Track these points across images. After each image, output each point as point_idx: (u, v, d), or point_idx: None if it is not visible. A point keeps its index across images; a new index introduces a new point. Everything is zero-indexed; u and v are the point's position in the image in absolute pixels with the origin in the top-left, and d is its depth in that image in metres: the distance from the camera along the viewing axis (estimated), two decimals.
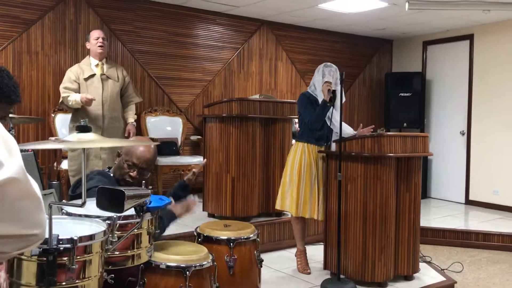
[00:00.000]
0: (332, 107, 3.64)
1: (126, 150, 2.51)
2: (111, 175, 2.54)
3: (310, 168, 3.79)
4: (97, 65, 4.42)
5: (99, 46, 4.40)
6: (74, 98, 4.26)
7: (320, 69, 3.84)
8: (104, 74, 4.42)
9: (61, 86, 4.36)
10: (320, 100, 3.74)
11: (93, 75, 4.38)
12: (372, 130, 3.77)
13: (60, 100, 4.38)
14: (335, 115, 3.68)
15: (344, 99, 3.83)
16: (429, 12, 5.92)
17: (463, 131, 6.94)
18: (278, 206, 3.92)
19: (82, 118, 4.19)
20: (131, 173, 2.48)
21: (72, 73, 4.37)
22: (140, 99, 4.80)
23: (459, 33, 6.94)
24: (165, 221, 2.47)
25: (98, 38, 4.40)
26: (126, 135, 4.55)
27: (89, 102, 4.22)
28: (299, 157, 3.81)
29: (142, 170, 2.50)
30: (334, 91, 3.64)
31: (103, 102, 4.36)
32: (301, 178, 3.79)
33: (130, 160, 2.48)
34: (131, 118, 4.61)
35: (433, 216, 6.00)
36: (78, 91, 4.33)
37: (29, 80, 5.04)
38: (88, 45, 4.49)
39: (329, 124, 3.72)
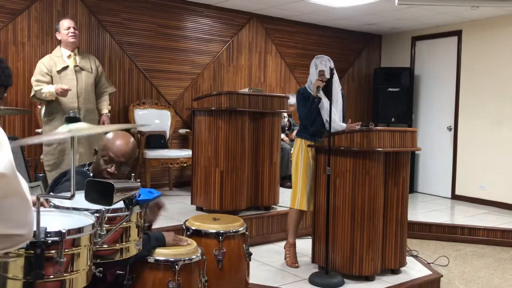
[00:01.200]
0: (329, 102, 3.63)
1: (102, 145, 2.33)
2: (90, 174, 2.37)
3: (307, 162, 3.84)
4: (69, 56, 4.22)
5: (71, 36, 4.19)
6: (48, 90, 4.06)
7: (313, 62, 3.87)
8: (77, 66, 4.22)
9: (33, 79, 4.16)
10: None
11: (66, 67, 4.18)
12: (358, 126, 3.82)
13: (32, 94, 4.16)
14: (332, 111, 3.67)
15: (340, 87, 3.86)
16: (418, 7, 5.94)
17: (450, 126, 7.00)
18: (304, 207, 3.88)
19: (56, 112, 4.15)
20: (108, 169, 2.30)
21: (44, 66, 4.15)
22: (114, 89, 4.62)
23: (448, 29, 6.98)
24: (152, 242, 2.30)
25: (69, 28, 4.19)
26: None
27: (64, 93, 4.03)
28: (297, 152, 3.90)
29: (121, 165, 2.30)
30: (328, 80, 3.63)
31: (78, 95, 4.18)
32: (298, 172, 3.86)
33: (106, 155, 2.29)
34: (105, 109, 4.44)
35: (420, 211, 6.05)
36: (50, 84, 4.14)
37: (15, 71, 4.97)
38: (58, 36, 4.26)
39: (329, 120, 3.73)
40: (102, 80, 4.44)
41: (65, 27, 4.21)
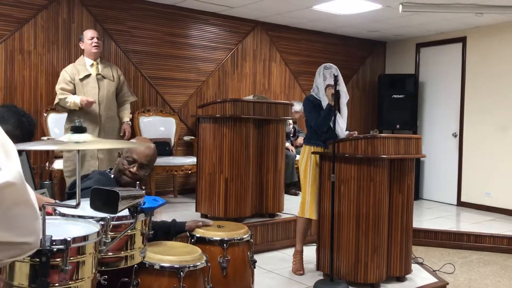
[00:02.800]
0: (337, 111, 3.63)
1: (127, 148, 2.53)
2: (112, 176, 2.54)
3: (315, 170, 3.83)
4: (92, 65, 4.41)
5: (94, 46, 4.39)
6: (73, 100, 4.25)
7: (321, 72, 3.86)
8: (99, 74, 4.42)
9: (57, 87, 4.34)
10: (324, 104, 3.77)
11: (88, 75, 4.37)
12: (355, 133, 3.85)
13: (56, 101, 4.34)
14: (338, 120, 3.68)
15: (347, 98, 3.87)
16: (422, 14, 5.95)
17: (456, 133, 6.98)
18: (313, 216, 3.87)
19: (79, 118, 4.23)
20: (131, 169, 2.48)
21: (67, 74, 4.35)
22: (135, 98, 4.82)
23: (452, 36, 6.98)
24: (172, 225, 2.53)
25: (93, 38, 4.40)
26: (121, 134, 4.57)
27: (89, 104, 4.23)
28: (306, 160, 3.88)
29: (142, 166, 2.50)
30: (337, 92, 3.64)
31: (99, 102, 4.37)
32: (307, 180, 3.85)
33: (130, 156, 2.49)
34: (126, 117, 4.63)
35: (425, 218, 6.03)
36: (74, 91, 4.33)
37: (21, 79, 5.01)
38: (82, 45, 4.47)
39: (333, 128, 3.72)
40: (124, 89, 4.63)
41: (89, 37, 4.41)
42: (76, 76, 4.33)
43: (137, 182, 1.99)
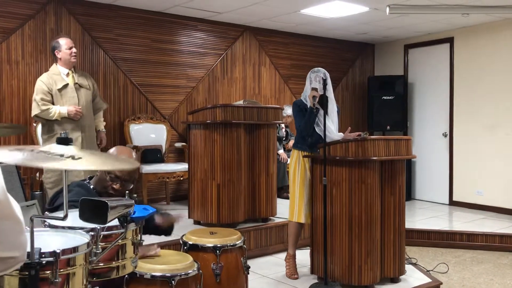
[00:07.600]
0: (323, 113, 3.62)
1: None
2: (91, 187, 2.47)
3: (304, 174, 3.83)
4: (67, 74, 4.25)
5: (74, 56, 4.24)
6: (58, 111, 4.11)
7: (308, 76, 3.88)
8: (77, 83, 4.26)
9: (37, 97, 4.14)
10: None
11: (66, 85, 4.21)
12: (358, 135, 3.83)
13: (36, 112, 4.13)
14: (327, 123, 3.65)
15: (334, 103, 3.87)
16: (409, 16, 5.99)
17: (446, 132, 7.03)
18: (301, 220, 3.87)
19: (58, 129, 4.16)
20: (114, 186, 2.42)
21: (44, 84, 4.16)
22: (107, 105, 4.75)
23: (440, 36, 7.04)
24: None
25: (71, 48, 4.23)
26: (98, 143, 4.46)
27: (78, 114, 4.14)
28: (294, 164, 3.89)
29: (125, 182, 2.44)
30: (325, 96, 3.64)
31: None
32: (296, 184, 3.85)
33: (112, 173, 2.42)
34: (101, 125, 4.56)
35: (418, 218, 6.05)
36: (52, 102, 4.17)
37: (10, 89, 4.98)
38: (58, 54, 4.24)
39: (317, 131, 3.72)
40: (98, 97, 4.52)
41: (67, 47, 4.22)
42: (53, 86, 4.16)
43: (127, 192, 1.97)
